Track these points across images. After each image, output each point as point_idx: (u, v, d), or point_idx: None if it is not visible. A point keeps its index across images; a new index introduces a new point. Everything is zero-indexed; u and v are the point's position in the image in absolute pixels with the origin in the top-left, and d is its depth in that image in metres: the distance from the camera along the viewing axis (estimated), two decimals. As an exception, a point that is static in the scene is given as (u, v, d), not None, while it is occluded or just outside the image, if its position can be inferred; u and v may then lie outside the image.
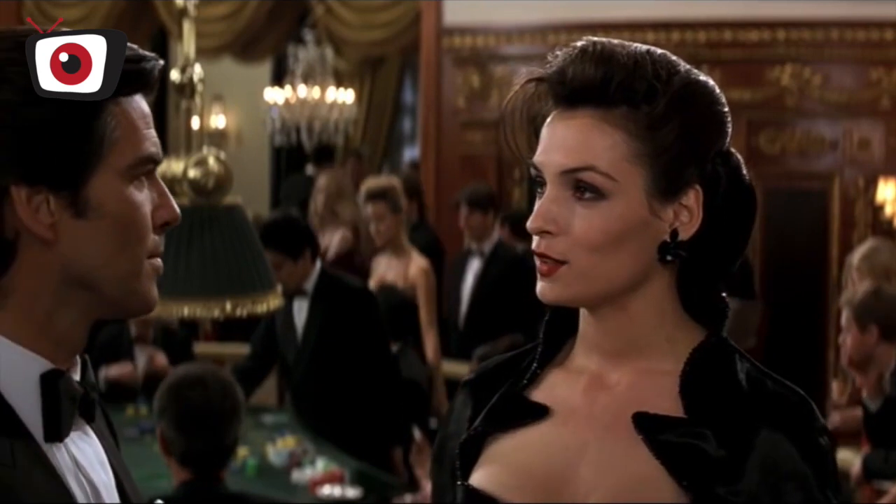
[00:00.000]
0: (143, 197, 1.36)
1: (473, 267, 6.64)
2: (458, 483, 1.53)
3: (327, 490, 4.48)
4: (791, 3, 7.42)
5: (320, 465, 4.66)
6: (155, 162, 1.38)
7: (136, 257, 1.36)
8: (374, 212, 6.19)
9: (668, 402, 1.46)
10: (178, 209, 1.41)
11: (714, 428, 1.43)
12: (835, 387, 5.15)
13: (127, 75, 1.32)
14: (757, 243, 7.57)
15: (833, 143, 7.54)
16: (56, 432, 1.33)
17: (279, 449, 4.81)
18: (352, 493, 4.49)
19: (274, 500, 3.77)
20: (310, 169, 10.40)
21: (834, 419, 4.98)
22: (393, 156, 12.50)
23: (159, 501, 1.56)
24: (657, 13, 7.50)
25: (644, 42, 1.48)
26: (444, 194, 8.03)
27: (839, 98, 7.49)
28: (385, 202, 6.16)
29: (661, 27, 7.51)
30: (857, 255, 5.34)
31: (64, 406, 1.34)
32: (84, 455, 1.38)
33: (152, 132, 1.37)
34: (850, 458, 4.86)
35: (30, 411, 1.32)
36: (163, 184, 1.40)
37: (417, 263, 6.21)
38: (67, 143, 1.30)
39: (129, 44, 1.34)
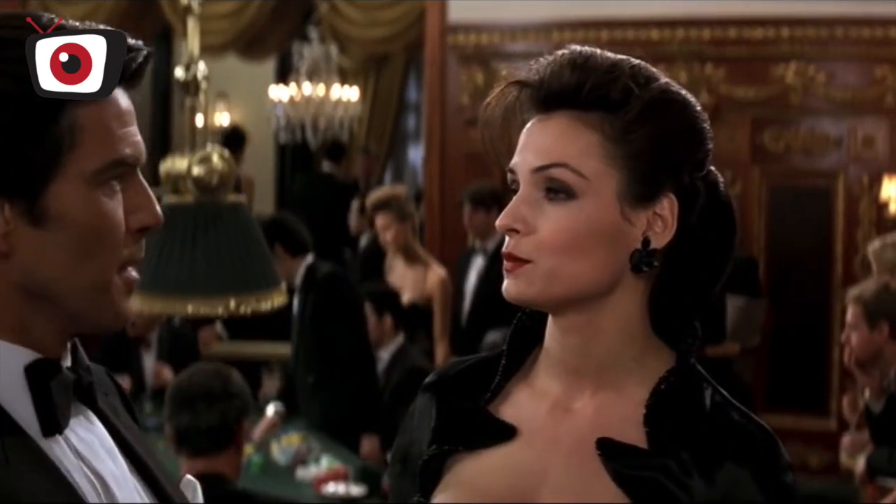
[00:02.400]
0: (113, 204, 1.26)
1: (477, 265, 6.65)
2: (417, 499, 1.51)
3: (332, 488, 4.49)
4: (796, 0, 7.40)
5: (325, 463, 4.67)
6: (130, 164, 1.27)
7: (101, 269, 1.26)
8: (380, 222, 6.23)
9: (632, 430, 1.43)
10: (160, 212, 1.30)
11: (677, 460, 1.40)
12: (845, 402, 5.10)
13: None
14: (761, 241, 7.56)
15: (837, 140, 7.52)
16: (53, 425, 1.26)
17: (284, 447, 4.81)
18: (356, 490, 4.50)
19: (279, 498, 3.78)
20: (326, 166, 10.48)
21: (844, 441, 4.94)
22: (397, 153, 12.51)
23: (189, 477, 1.46)
24: (662, 10, 7.46)
25: (649, 39, 1.48)
26: (448, 192, 8.02)
27: (843, 96, 7.47)
28: (390, 211, 6.20)
29: (666, 24, 7.48)
30: (875, 243, 5.30)
31: (56, 396, 1.26)
32: (87, 445, 1.30)
33: (130, 130, 1.27)
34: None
35: (21, 406, 1.24)
36: (145, 185, 1.30)
37: (436, 273, 6.23)
38: (21, 147, 1.20)
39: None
